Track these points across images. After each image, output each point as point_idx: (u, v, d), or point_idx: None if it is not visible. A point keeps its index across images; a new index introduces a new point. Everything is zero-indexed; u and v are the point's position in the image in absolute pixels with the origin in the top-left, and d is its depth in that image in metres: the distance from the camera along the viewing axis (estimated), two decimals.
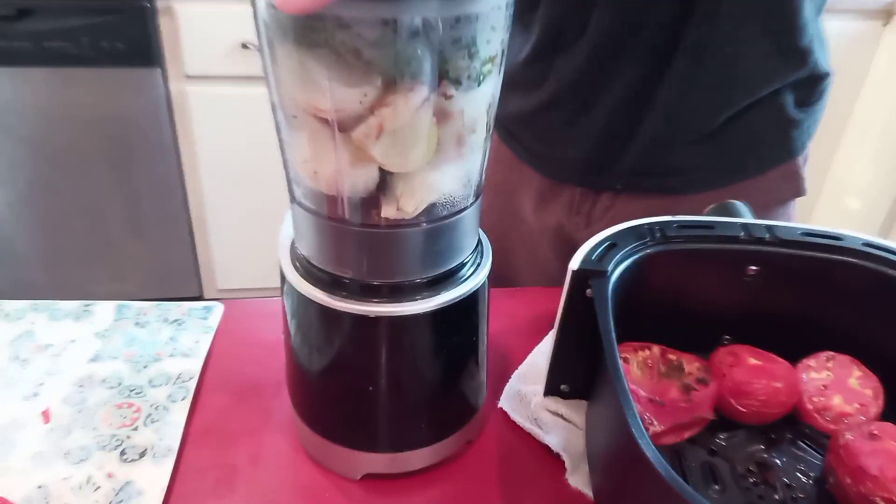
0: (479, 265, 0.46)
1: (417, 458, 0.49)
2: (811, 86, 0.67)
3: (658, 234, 0.50)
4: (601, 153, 0.69)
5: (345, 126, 0.36)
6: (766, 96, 0.65)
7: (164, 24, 1.54)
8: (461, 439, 0.51)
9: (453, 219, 0.42)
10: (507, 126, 0.77)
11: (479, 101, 0.38)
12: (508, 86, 0.72)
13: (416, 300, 0.42)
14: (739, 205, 0.55)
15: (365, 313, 0.42)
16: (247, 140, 1.69)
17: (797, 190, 0.71)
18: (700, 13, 0.59)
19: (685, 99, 0.64)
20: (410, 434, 0.48)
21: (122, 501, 0.45)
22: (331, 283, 0.43)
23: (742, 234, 0.50)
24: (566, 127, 0.70)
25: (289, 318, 0.47)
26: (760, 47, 0.62)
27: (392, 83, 0.34)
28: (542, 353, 0.60)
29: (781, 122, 0.67)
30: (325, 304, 0.42)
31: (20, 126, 1.59)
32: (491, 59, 0.37)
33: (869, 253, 0.49)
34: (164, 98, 1.61)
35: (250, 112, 1.65)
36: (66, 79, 1.54)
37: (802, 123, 0.68)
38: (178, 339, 0.60)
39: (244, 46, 1.57)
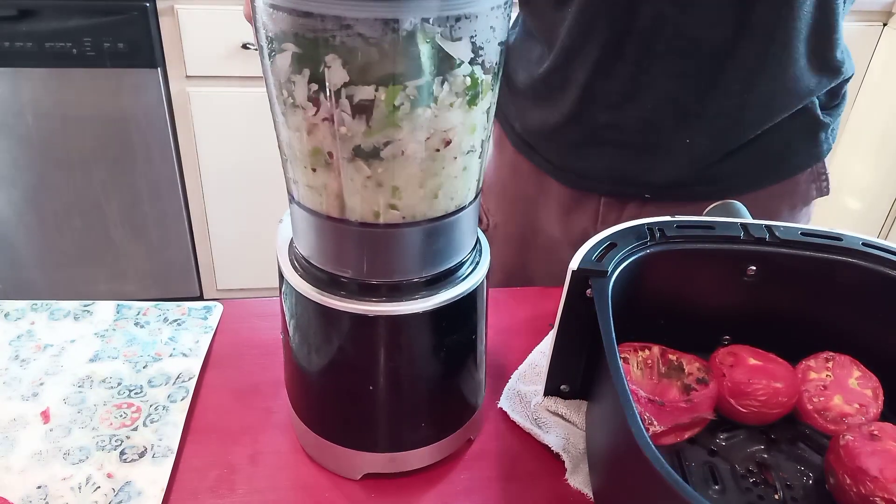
0: (477, 263, 0.46)
1: (417, 458, 0.49)
2: (836, 90, 0.67)
3: (658, 235, 0.50)
4: (632, 166, 0.67)
5: (344, 130, 0.36)
6: (801, 107, 0.65)
7: (164, 24, 1.54)
8: (461, 438, 0.51)
9: (452, 218, 0.42)
10: (526, 139, 0.75)
11: (480, 104, 0.38)
12: (529, 99, 0.72)
13: (415, 299, 0.42)
14: (739, 205, 0.55)
15: (364, 312, 0.42)
16: (247, 140, 1.69)
17: (822, 190, 0.71)
18: (755, 32, 0.58)
19: (730, 116, 0.63)
20: (410, 433, 0.48)
21: (121, 501, 0.45)
22: (329, 283, 0.43)
23: (742, 234, 0.50)
24: (596, 140, 0.68)
25: (287, 318, 0.47)
26: (803, 64, 0.61)
27: (392, 85, 0.34)
28: (541, 353, 0.60)
29: (812, 127, 0.67)
30: (323, 303, 0.42)
31: (21, 126, 1.59)
32: (491, 61, 0.37)
33: (868, 253, 0.49)
34: (165, 98, 1.61)
35: (250, 112, 1.65)
36: (67, 79, 1.55)
37: (829, 126, 0.68)
38: (178, 338, 0.60)
39: (244, 47, 1.57)
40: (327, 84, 0.34)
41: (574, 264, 0.46)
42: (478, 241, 0.47)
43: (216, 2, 1.53)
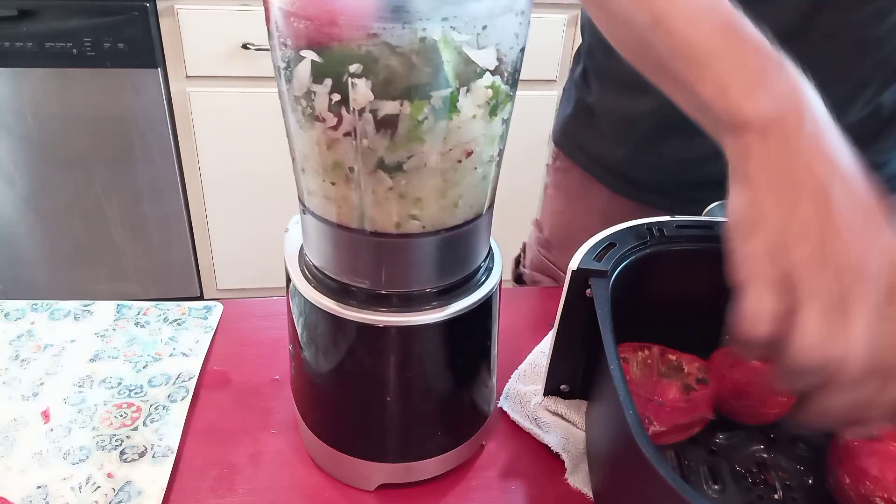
0: (490, 272, 0.45)
1: (433, 466, 0.48)
2: (876, 131, 0.65)
3: (657, 234, 0.50)
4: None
5: (367, 143, 0.35)
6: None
7: (165, 24, 1.54)
8: (475, 444, 0.50)
9: (470, 226, 0.41)
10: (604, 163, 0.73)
11: (500, 113, 0.38)
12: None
13: (429, 310, 0.42)
14: None
15: (381, 323, 0.41)
16: (247, 140, 1.69)
17: None
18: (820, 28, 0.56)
19: None
20: (426, 443, 0.47)
21: (121, 501, 0.45)
22: (343, 293, 0.42)
23: None
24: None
25: (298, 329, 0.46)
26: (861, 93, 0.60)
27: (417, 100, 0.34)
28: (541, 353, 0.60)
29: None
30: (338, 314, 0.41)
31: (21, 126, 1.59)
32: (512, 69, 0.37)
33: None
34: (165, 98, 1.61)
35: (251, 113, 1.65)
36: (67, 79, 1.55)
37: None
38: (178, 338, 0.60)
39: (245, 47, 1.57)
40: (350, 98, 0.34)
41: (574, 264, 0.46)
42: (490, 248, 0.47)
43: (216, 2, 1.53)
